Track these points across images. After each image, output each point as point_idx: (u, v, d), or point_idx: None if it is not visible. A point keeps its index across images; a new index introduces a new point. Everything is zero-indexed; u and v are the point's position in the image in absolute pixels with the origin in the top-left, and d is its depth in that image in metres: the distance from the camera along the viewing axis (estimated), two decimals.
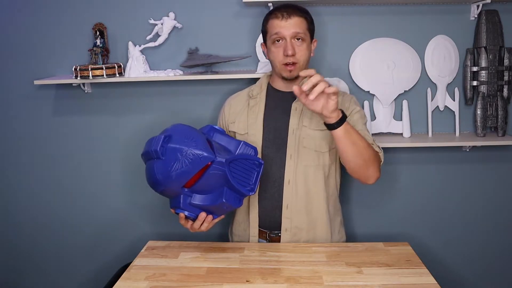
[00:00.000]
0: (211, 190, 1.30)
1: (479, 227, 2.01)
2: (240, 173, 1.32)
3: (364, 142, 1.35)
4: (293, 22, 1.43)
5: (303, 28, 1.44)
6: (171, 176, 1.22)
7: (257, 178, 1.36)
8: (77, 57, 1.93)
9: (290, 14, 1.43)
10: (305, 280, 1.23)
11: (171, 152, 1.22)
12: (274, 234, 1.52)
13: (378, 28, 1.86)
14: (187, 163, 1.21)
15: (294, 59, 1.43)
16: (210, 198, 1.30)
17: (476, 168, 1.96)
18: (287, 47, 1.42)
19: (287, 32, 1.43)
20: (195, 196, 1.29)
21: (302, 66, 1.47)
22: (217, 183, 1.29)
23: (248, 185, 1.33)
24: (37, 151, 2.05)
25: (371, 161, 1.38)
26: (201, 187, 1.28)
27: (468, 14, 1.84)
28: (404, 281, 1.22)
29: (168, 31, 1.85)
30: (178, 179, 1.23)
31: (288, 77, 1.47)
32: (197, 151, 1.22)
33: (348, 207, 1.99)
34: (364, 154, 1.35)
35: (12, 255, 2.16)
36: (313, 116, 1.49)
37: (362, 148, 1.34)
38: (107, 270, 1.99)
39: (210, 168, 1.25)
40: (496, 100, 1.84)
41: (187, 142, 1.24)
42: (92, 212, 2.08)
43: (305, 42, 1.45)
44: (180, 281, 1.25)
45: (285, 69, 1.46)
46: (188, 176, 1.23)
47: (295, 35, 1.43)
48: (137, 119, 1.99)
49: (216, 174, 1.26)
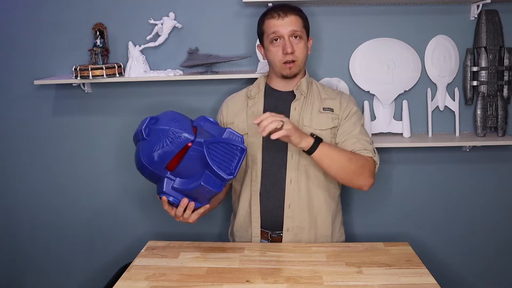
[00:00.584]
0: (192, 174, 1.29)
1: (479, 227, 2.01)
2: (222, 157, 1.29)
3: (346, 157, 1.39)
4: (289, 20, 1.45)
5: (299, 26, 1.46)
6: (153, 156, 1.24)
7: (238, 163, 1.31)
8: (77, 57, 1.93)
9: (286, 12, 1.45)
10: (305, 280, 1.23)
11: (155, 133, 1.26)
12: (275, 235, 1.52)
13: (378, 28, 1.86)
14: (168, 142, 1.24)
15: (293, 56, 1.45)
16: (190, 182, 1.29)
17: (476, 168, 1.96)
18: (286, 45, 1.44)
19: (284, 30, 1.44)
20: (177, 179, 1.29)
21: (301, 64, 1.49)
22: (198, 166, 1.27)
23: (227, 169, 1.29)
24: (37, 151, 2.05)
25: (358, 172, 1.41)
26: (183, 170, 1.28)
27: (468, 14, 1.84)
28: (404, 281, 1.22)
29: (168, 31, 1.85)
30: (160, 159, 1.25)
31: (289, 75, 1.48)
32: (177, 130, 1.24)
33: (349, 207, 1.99)
34: (348, 168, 1.40)
35: (12, 255, 2.16)
36: (313, 116, 1.49)
37: (344, 164, 1.39)
38: (107, 270, 1.98)
39: (190, 149, 1.25)
40: (496, 100, 1.84)
41: (170, 123, 1.26)
42: (92, 212, 2.08)
43: (303, 39, 1.48)
44: (180, 281, 1.25)
45: (285, 67, 1.47)
46: (169, 156, 1.24)
47: (293, 33, 1.45)
48: (137, 119, 1.97)
49: (196, 155, 1.26)
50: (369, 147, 1.47)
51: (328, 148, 1.39)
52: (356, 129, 1.48)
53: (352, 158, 1.41)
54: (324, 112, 1.50)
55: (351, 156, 1.42)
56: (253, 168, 1.52)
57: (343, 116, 1.50)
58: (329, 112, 1.50)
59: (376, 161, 1.48)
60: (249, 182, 1.53)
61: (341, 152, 1.41)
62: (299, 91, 1.52)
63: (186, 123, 1.30)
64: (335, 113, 1.51)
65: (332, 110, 1.51)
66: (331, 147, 1.41)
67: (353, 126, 1.49)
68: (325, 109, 1.51)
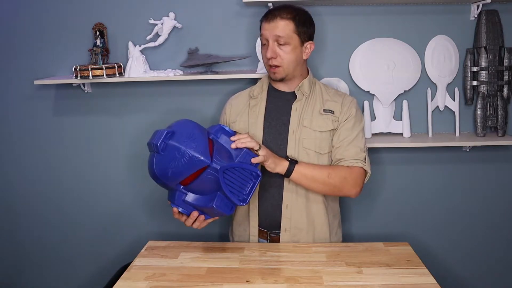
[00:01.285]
0: (205, 192, 1.30)
1: (479, 227, 2.01)
2: (236, 181, 1.30)
3: (325, 174, 1.42)
4: (275, 25, 1.43)
5: (286, 32, 1.42)
6: (167, 173, 1.24)
7: (251, 189, 1.33)
8: (77, 57, 1.93)
9: (274, 16, 1.43)
10: (305, 280, 1.23)
11: (170, 149, 1.23)
12: (274, 234, 1.52)
13: (378, 28, 1.86)
14: (183, 163, 1.22)
15: (277, 61, 1.45)
16: (203, 199, 1.30)
17: (476, 168, 1.96)
18: (268, 50, 1.44)
19: (269, 34, 1.44)
20: (189, 194, 1.30)
21: (288, 69, 1.47)
22: (211, 187, 1.29)
23: (241, 195, 1.31)
24: (37, 151, 2.05)
25: (339, 186, 1.44)
26: (196, 187, 1.28)
27: (468, 14, 1.84)
28: (404, 281, 1.22)
29: (168, 31, 1.85)
30: (174, 176, 1.24)
31: (274, 78, 1.50)
32: (194, 153, 1.22)
33: (349, 207, 2.00)
34: (328, 185, 1.43)
35: (12, 255, 2.16)
36: (313, 117, 1.49)
37: (324, 181, 1.43)
38: (107, 270, 1.99)
39: (205, 172, 1.25)
40: (496, 100, 1.84)
41: (187, 142, 1.24)
42: (92, 212, 2.09)
43: (290, 45, 1.44)
44: (180, 281, 1.25)
45: (270, 71, 1.49)
46: (183, 176, 1.24)
47: (276, 39, 1.43)
48: (137, 119, 1.99)
49: (210, 178, 1.26)
50: (360, 156, 1.46)
51: (305, 169, 1.42)
52: (352, 135, 1.48)
53: (331, 174, 1.43)
54: (325, 114, 1.50)
55: (330, 171, 1.43)
56: None
57: (342, 119, 1.50)
58: (330, 114, 1.50)
59: (367, 170, 1.47)
60: None
61: (319, 170, 1.43)
62: (301, 92, 1.51)
63: (203, 141, 1.27)
64: (336, 115, 1.50)
65: (333, 112, 1.50)
66: (308, 167, 1.43)
67: (348, 132, 1.48)
68: (325, 111, 1.50)
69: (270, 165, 1.38)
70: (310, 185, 1.43)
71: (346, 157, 1.46)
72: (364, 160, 1.46)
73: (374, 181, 1.96)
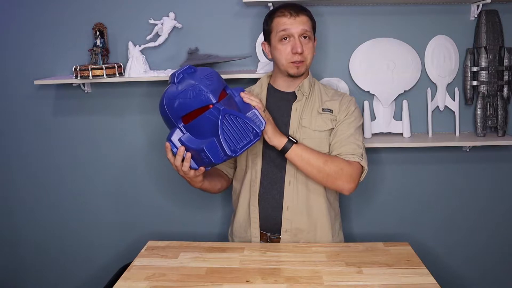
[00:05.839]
0: (202, 135, 1.29)
1: (479, 227, 2.01)
2: (234, 132, 1.27)
3: (321, 160, 1.41)
4: (300, 20, 1.45)
5: (309, 27, 1.47)
6: (174, 102, 1.27)
7: (246, 145, 1.29)
8: (77, 57, 1.93)
9: (298, 12, 1.45)
10: (305, 280, 1.23)
11: (184, 82, 1.29)
12: (274, 237, 1.51)
13: (378, 28, 1.86)
14: (191, 96, 1.26)
15: (302, 57, 1.45)
16: (196, 141, 1.29)
17: (476, 168, 1.96)
18: (296, 45, 1.43)
19: (295, 29, 1.44)
20: (186, 134, 1.31)
21: (309, 64, 1.49)
22: (210, 129, 1.27)
23: (233, 146, 1.27)
24: (37, 151, 2.05)
25: (334, 175, 1.41)
26: (195, 127, 1.29)
27: (468, 14, 1.84)
28: (404, 281, 1.22)
29: (168, 31, 1.85)
30: (179, 108, 1.27)
31: (295, 74, 1.48)
32: (203, 88, 1.26)
33: (349, 207, 2.00)
34: (323, 171, 1.41)
35: (12, 255, 2.16)
36: (312, 117, 1.49)
37: (319, 166, 1.41)
38: (107, 270, 1.99)
39: (207, 112, 1.26)
40: (496, 100, 1.84)
41: (202, 80, 1.29)
42: (92, 211, 2.08)
43: (311, 40, 1.48)
44: (180, 281, 1.25)
45: (292, 66, 1.47)
46: (187, 109, 1.27)
47: (303, 33, 1.45)
48: (137, 119, 1.99)
49: (211, 119, 1.26)
50: (357, 152, 1.46)
51: (302, 150, 1.41)
52: (349, 131, 1.48)
53: (328, 161, 1.42)
54: (323, 113, 1.50)
55: (327, 159, 1.42)
56: (253, 168, 1.52)
57: (340, 118, 1.50)
58: (328, 113, 1.50)
59: (364, 166, 1.47)
60: (248, 182, 1.53)
61: (317, 155, 1.42)
62: (301, 92, 1.52)
63: (218, 85, 1.31)
64: (334, 114, 1.50)
65: (332, 111, 1.50)
66: (306, 149, 1.42)
67: (346, 128, 1.48)
68: (324, 110, 1.50)
69: (269, 134, 1.38)
70: (305, 167, 1.42)
71: (343, 152, 1.45)
72: (361, 156, 1.46)
73: (374, 181, 1.96)
